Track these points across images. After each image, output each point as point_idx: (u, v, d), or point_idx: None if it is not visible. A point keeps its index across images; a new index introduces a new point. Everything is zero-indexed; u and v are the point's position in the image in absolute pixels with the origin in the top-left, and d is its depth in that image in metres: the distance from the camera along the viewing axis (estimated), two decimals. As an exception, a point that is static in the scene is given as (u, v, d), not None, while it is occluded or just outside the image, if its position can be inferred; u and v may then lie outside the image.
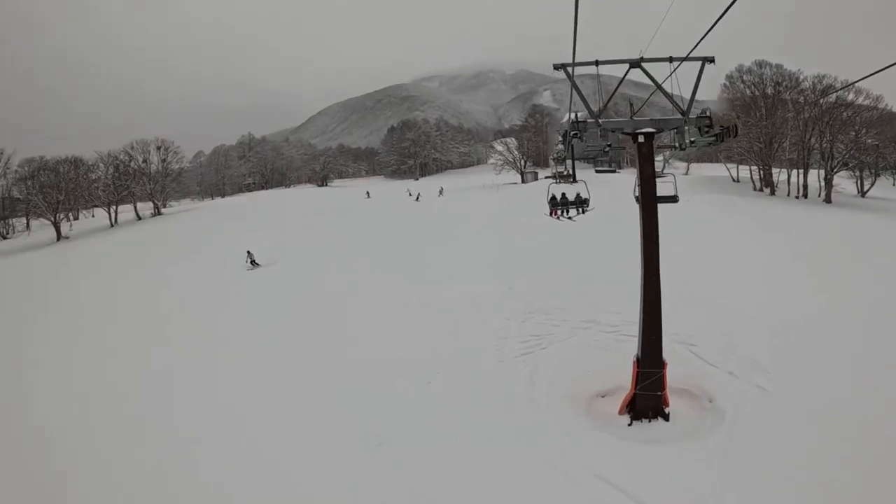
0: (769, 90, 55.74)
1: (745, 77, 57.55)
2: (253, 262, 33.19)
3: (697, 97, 11.54)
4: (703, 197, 44.89)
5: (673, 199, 12.19)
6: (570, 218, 25.91)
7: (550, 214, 25.37)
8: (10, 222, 72.10)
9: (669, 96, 11.60)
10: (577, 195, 22.46)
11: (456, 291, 22.25)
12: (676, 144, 12.24)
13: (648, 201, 11.58)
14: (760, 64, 57.10)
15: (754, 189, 56.15)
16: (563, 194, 23.26)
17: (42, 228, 67.68)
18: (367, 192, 75.52)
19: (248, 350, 18.40)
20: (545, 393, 13.01)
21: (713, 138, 11.57)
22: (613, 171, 79.68)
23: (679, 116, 11.60)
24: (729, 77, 59.13)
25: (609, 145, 11.84)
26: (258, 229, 47.48)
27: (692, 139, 11.74)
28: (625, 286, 19.63)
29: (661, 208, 11.55)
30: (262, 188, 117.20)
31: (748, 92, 57.02)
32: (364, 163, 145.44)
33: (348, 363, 16.13)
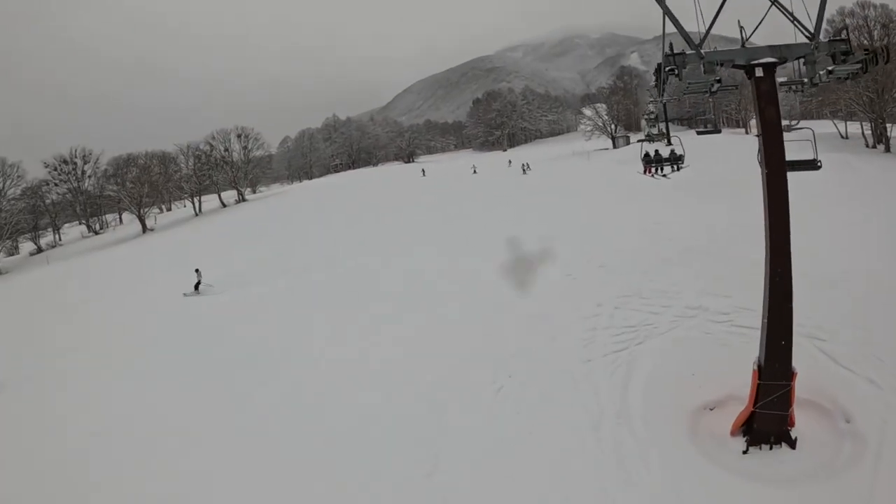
0: (876, 34, 48.63)
1: (847, 21, 50.72)
2: (197, 287, 25.57)
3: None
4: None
5: (812, 164, 9.38)
6: (664, 175, 25.25)
7: (644, 172, 24.92)
8: (103, 218, 77.07)
9: (787, 13, 8.74)
10: (672, 151, 21.87)
11: (540, 274, 19.88)
12: (805, 80, 9.38)
13: (775, 160, 8.63)
14: (863, 5, 50.48)
15: (867, 146, 49.15)
16: (657, 151, 22.80)
17: (133, 222, 70.67)
18: (423, 171, 73.19)
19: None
20: (640, 404, 10.57)
21: (856, 67, 8.60)
22: (717, 132, 73.19)
23: (805, 41, 8.62)
24: (829, 22, 52.06)
25: (718, 81, 9.17)
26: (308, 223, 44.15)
27: (828, 69, 8.86)
28: (736, 263, 16.78)
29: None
30: (350, 168, 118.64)
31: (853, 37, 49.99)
32: (452, 137, 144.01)
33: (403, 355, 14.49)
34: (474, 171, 64.39)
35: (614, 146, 75.43)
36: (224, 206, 74.51)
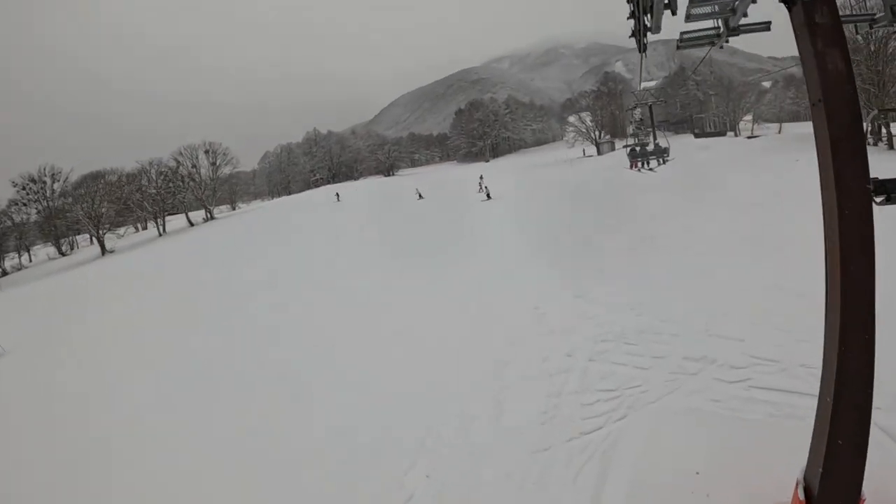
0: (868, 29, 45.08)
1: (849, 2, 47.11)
2: None
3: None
4: (813, 155, 35.57)
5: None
6: (651, 169, 24.66)
7: (630, 167, 25.68)
8: (74, 239, 73.67)
9: None
10: (657, 145, 21.94)
11: (493, 307, 15.85)
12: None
13: (850, 146, 4.83)
14: (863, -9, 46.46)
15: (871, 144, 45.68)
16: (643, 145, 22.98)
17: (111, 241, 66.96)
18: (337, 195, 64.99)
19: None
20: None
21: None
22: (720, 135, 70.33)
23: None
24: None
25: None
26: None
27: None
28: (745, 290, 13.02)
29: (773, 170, 5.31)
30: (330, 182, 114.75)
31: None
32: (437, 149, 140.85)
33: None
34: (419, 197, 50.29)
35: (599, 152, 72.17)
36: (192, 224, 71.12)
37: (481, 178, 51.60)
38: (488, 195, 43.03)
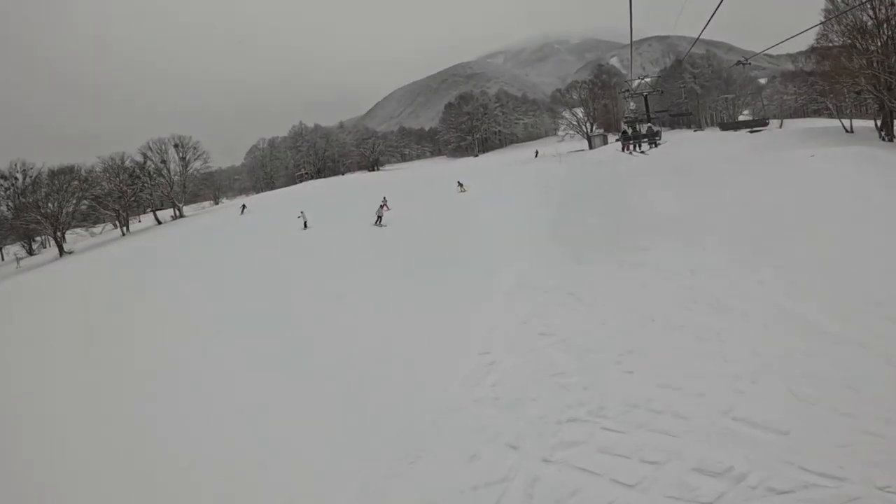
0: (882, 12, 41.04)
1: (856, -11, 43.14)
2: None
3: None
4: (828, 151, 31.60)
5: None
6: (642, 152, 24.66)
7: (623, 150, 25.15)
8: (45, 238, 69.40)
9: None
10: (649, 128, 21.38)
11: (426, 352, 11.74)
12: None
13: None
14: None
15: (882, 139, 41.83)
16: (635, 128, 22.40)
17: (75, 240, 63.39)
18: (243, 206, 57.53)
19: None
20: None
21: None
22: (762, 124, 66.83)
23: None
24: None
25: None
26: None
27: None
28: (771, 335, 9.17)
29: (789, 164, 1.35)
30: (314, 178, 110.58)
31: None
32: (428, 143, 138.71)
33: None
34: (304, 226, 34.27)
35: (590, 146, 67.84)
36: (159, 223, 67.47)
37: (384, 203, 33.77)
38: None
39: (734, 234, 16.29)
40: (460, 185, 40.98)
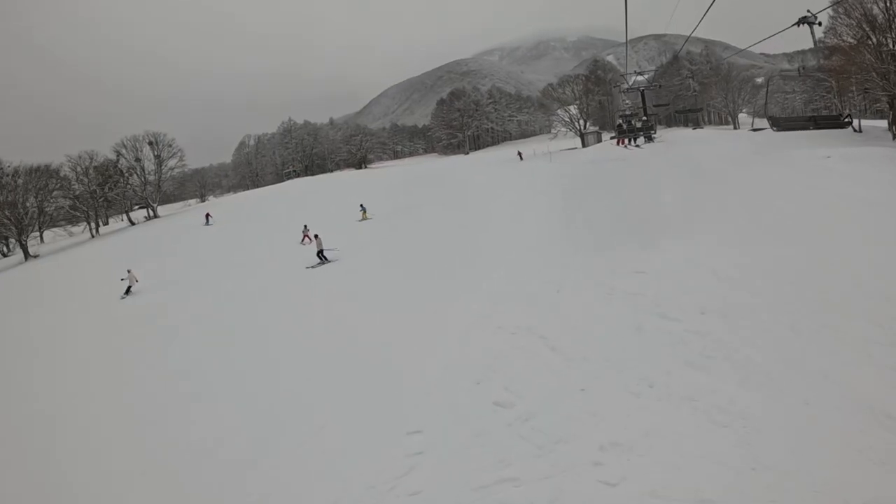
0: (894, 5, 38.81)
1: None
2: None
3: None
4: (844, 151, 28.70)
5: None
6: (637, 146, 25.97)
7: (617, 144, 28.68)
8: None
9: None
10: (644, 122, 27.13)
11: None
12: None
13: None
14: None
15: (894, 138, 39.21)
16: (630, 121, 27.12)
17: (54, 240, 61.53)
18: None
19: None
20: None
21: None
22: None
23: None
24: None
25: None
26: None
27: None
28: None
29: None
30: (301, 175, 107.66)
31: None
32: (421, 140, 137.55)
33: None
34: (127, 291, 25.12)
35: (584, 144, 64.67)
36: (132, 223, 65.04)
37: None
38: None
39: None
40: (363, 209, 34.92)
